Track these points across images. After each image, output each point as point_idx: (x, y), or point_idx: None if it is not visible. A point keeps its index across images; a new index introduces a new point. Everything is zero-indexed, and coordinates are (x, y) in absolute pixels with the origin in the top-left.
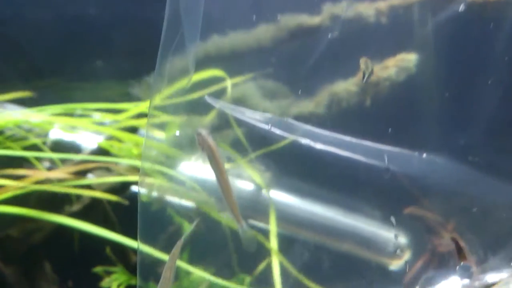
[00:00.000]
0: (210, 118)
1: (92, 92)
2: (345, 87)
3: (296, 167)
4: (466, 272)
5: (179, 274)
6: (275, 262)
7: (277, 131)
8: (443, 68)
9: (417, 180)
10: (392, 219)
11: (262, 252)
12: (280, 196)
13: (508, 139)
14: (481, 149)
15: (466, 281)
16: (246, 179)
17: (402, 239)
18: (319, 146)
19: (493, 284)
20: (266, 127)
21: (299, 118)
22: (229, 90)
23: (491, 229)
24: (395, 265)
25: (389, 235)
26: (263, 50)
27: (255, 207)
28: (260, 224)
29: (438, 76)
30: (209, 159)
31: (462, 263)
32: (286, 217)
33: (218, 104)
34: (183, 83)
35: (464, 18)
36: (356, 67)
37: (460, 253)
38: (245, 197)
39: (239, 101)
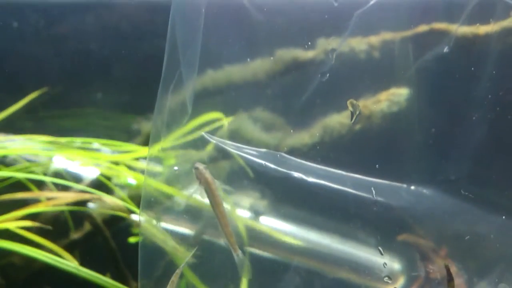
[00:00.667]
0: (208, 150)
1: (92, 122)
2: (339, 119)
3: (291, 196)
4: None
5: None
6: None
7: (272, 166)
8: (430, 103)
9: (405, 211)
10: (380, 248)
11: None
12: (276, 223)
13: (492, 172)
14: (467, 181)
15: None
16: (243, 207)
17: (396, 265)
18: (311, 179)
19: None
20: (261, 162)
21: (294, 149)
22: (225, 125)
23: (478, 256)
24: None
25: (383, 261)
26: (259, 83)
27: (251, 234)
28: (257, 251)
29: (426, 110)
30: (206, 192)
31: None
32: (281, 243)
33: (215, 140)
34: (182, 121)
35: (452, 53)
36: (347, 100)
37: (449, 280)
38: (242, 225)
39: (236, 133)
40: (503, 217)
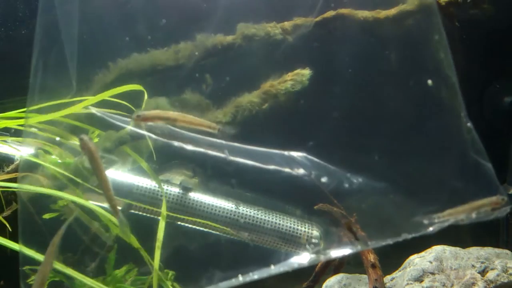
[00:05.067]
0: (128, 130)
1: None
2: (249, 99)
3: (219, 173)
4: (315, 249)
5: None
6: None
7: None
8: (316, 80)
9: (278, 174)
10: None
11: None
12: (206, 199)
13: (353, 136)
14: (332, 146)
15: (314, 255)
16: (173, 185)
17: (315, 232)
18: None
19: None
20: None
21: None
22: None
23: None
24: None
25: (305, 229)
26: (181, 66)
27: (182, 210)
28: (187, 225)
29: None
30: (89, 160)
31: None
32: (209, 216)
33: (99, 113)
34: (65, 96)
35: (354, 36)
36: (261, 81)
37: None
38: (172, 201)
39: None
40: (362, 175)
